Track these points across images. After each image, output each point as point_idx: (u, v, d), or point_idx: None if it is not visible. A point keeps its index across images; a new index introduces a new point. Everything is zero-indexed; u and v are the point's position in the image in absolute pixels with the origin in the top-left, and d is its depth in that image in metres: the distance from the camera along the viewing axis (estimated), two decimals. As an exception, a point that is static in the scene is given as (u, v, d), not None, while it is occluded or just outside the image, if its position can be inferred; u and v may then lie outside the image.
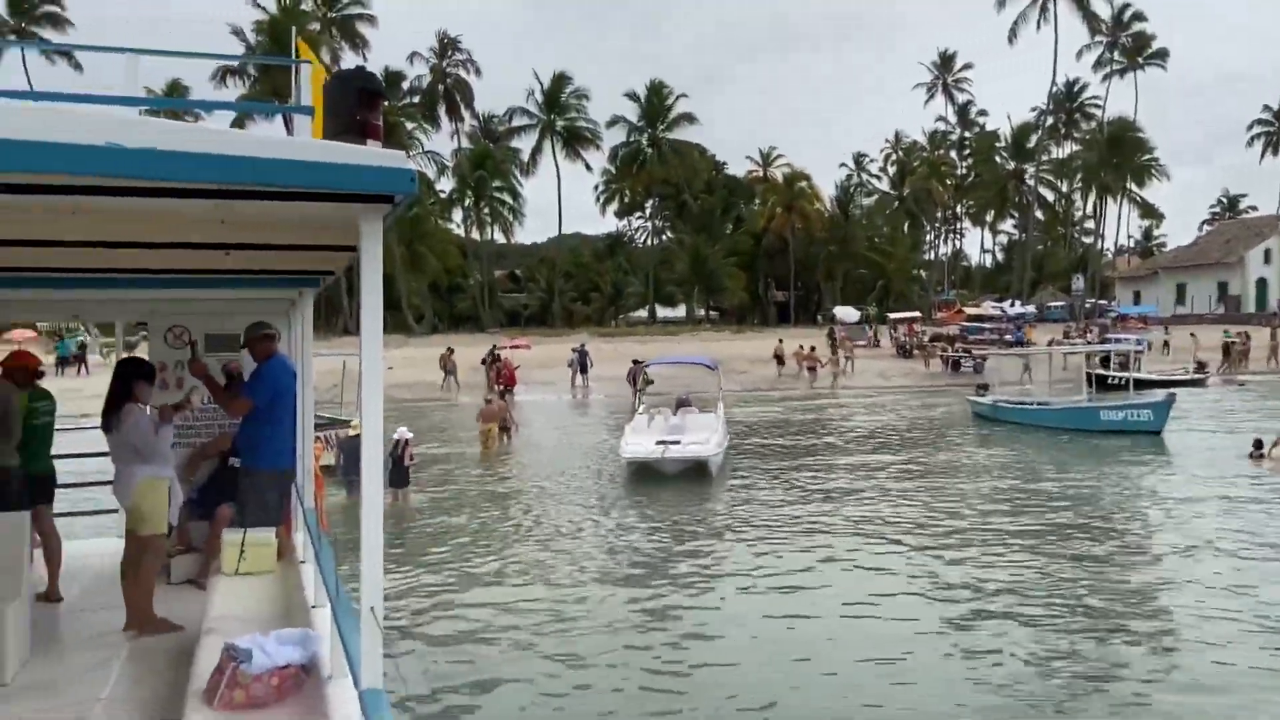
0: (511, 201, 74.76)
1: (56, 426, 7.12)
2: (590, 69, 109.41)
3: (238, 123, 41.99)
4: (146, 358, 6.96)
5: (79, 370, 42.27)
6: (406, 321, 63.02)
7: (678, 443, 19.33)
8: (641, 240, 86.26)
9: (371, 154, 2.59)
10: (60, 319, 17.12)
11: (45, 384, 7.26)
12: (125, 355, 6.70)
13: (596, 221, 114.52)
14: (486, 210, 74.06)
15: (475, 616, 10.22)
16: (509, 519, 15.39)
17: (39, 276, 5.13)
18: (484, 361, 40.46)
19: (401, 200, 2.79)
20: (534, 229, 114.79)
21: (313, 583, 4.89)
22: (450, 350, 41.45)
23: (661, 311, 78.24)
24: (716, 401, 23.27)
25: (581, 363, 43.32)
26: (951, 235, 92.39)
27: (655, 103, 77.17)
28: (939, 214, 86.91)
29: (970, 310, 59.53)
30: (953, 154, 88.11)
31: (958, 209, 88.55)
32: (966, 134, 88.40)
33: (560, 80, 75.43)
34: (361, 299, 2.81)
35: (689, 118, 78.09)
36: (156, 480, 5.87)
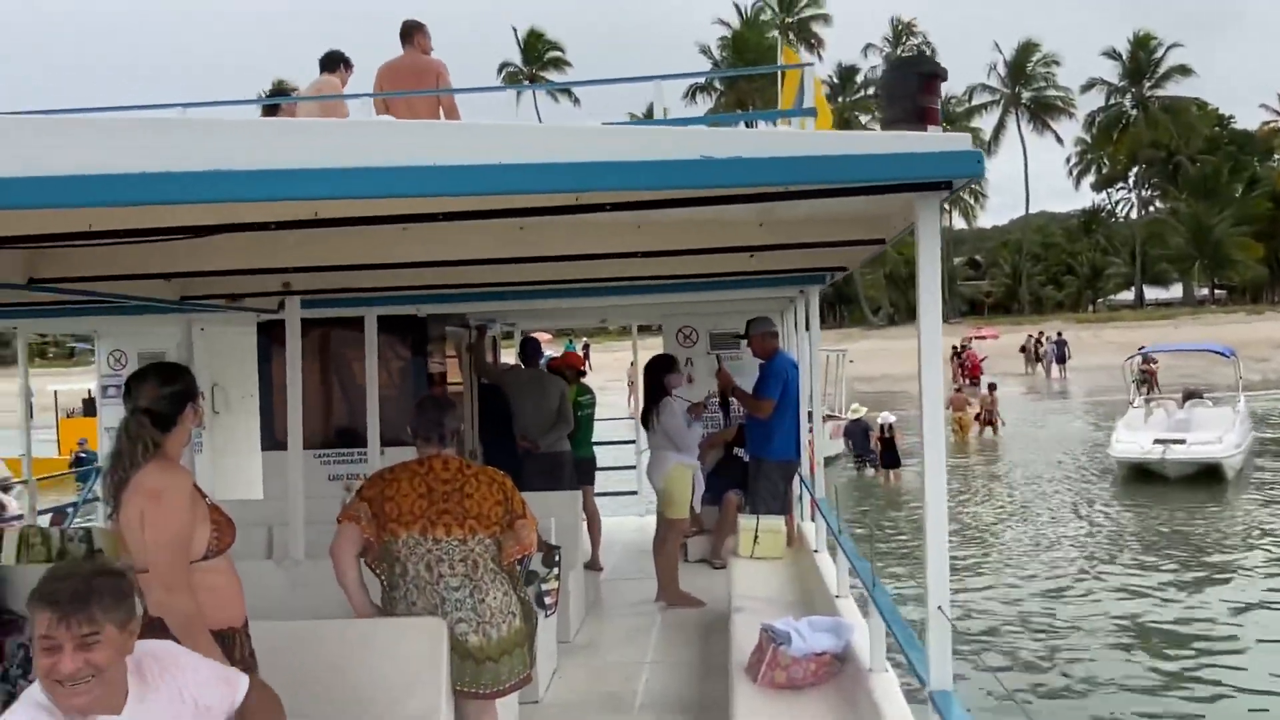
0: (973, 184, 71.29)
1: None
2: (1058, 32, 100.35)
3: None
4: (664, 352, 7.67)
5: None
6: (864, 314, 62.96)
7: (1182, 441, 16.90)
8: (1124, 213, 77.21)
9: (936, 139, 2.49)
10: (589, 324, 19.34)
11: None
12: (654, 354, 7.30)
13: (1067, 198, 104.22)
14: (946, 196, 71.29)
15: (986, 612, 9.83)
16: (996, 511, 15.02)
17: (583, 287, 5.47)
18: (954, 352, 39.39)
19: (961, 184, 2.65)
20: (994, 209, 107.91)
21: (833, 571, 4.97)
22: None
23: (1151, 292, 69.38)
24: (1235, 394, 20.02)
25: (1059, 353, 40.32)
26: None
27: (1141, 57, 68.68)
28: None
29: None
30: None
31: None
32: None
33: (1027, 49, 70.26)
34: (919, 285, 2.69)
35: (1183, 70, 68.39)
36: (684, 467, 6.44)
